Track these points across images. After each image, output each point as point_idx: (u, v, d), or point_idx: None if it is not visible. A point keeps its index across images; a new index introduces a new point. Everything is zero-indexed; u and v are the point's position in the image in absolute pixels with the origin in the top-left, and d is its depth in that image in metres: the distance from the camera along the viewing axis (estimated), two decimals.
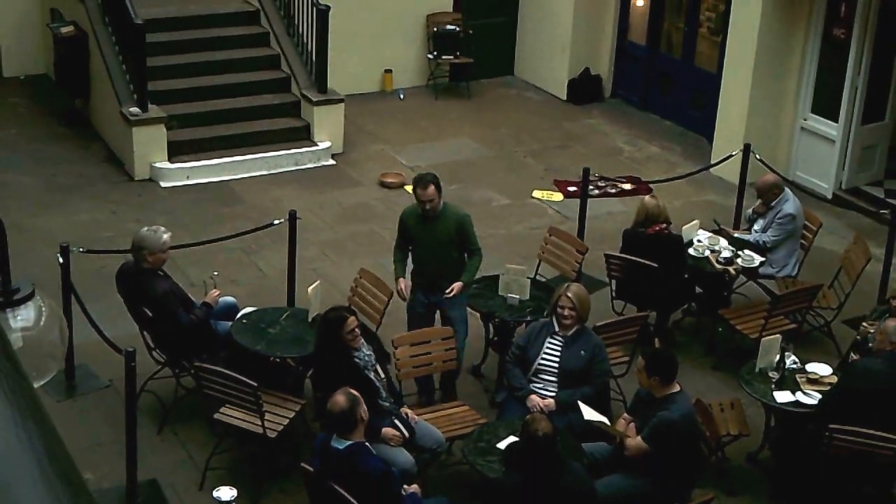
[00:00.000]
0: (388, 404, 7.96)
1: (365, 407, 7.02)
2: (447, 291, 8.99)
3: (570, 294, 8.32)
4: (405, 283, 9.22)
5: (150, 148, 12.96)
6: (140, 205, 12.44)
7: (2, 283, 3.91)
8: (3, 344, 1.47)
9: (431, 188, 8.90)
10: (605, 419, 8.01)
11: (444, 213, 9.04)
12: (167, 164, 13.03)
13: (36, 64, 15.50)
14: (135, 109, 12.88)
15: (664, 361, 7.73)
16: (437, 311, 9.26)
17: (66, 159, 13.37)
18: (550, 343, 8.35)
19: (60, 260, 8.88)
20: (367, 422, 7.04)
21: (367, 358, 7.97)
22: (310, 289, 9.01)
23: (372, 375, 7.93)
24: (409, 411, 8.08)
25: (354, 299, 9.47)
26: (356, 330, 7.91)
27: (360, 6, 15.32)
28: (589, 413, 7.89)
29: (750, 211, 10.86)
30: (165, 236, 8.70)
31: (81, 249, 9.61)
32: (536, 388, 8.32)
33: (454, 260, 9.11)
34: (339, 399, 6.92)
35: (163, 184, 12.92)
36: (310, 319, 8.88)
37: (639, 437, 7.68)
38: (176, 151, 13.15)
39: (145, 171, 12.98)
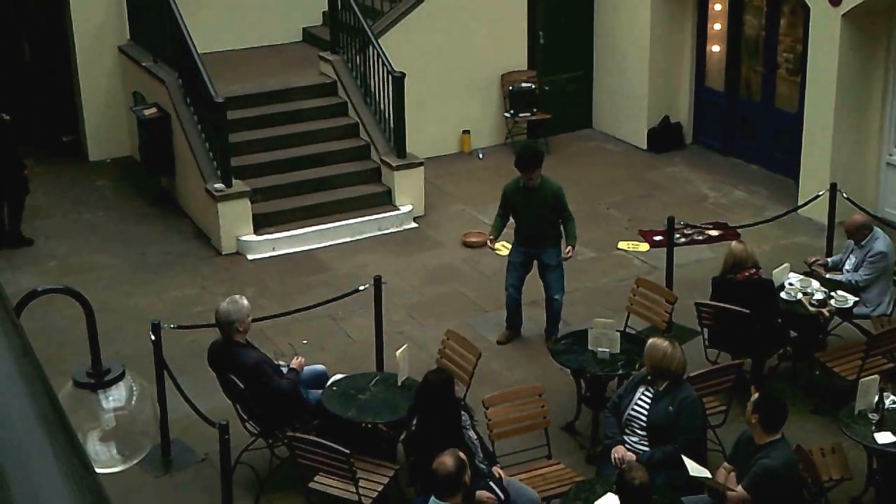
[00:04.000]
0: (483, 466, 7.90)
1: (470, 472, 6.96)
2: (566, 254, 10.64)
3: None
4: (492, 239, 10.85)
5: (235, 222, 13.14)
6: (228, 278, 12.59)
7: (93, 365, 3.97)
8: (69, 438, 1.48)
9: (538, 170, 10.50)
10: (708, 474, 7.88)
11: (542, 185, 10.54)
12: (253, 237, 13.19)
13: (121, 147, 15.85)
14: (219, 185, 13.09)
15: (775, 405, 7.66)
16: (535, 261, 10.80)
17: (154, 238, 13.60)
18: (643, 396, 8.25)
19: (152, 337, 9.00)
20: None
21: (464, 419, 7.95)
22: (398, 353, 9.01)
23: (470, 434, 7.91)
24: (500, 471, 8.02)
25: (443, 361, 9.46)
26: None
27: (434, 70, 15.45)
28: (695, 469, 7.78)
29: (829, 261, 10.78)
30: (244, 301, 8.80)
31: (172, 326, 9.74)
32: (630, 440, 8.23)
33: (551, 222, 10.67)
34: (447, 461, 6.84)
35: (249, 256, 13.08)
36: (399, 383, 8.89)
37: (740, 487, 7.54)
38: (261, 224, 13.31)
39: (232, 245, 13.15)
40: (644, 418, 8.17)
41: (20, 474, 1.40)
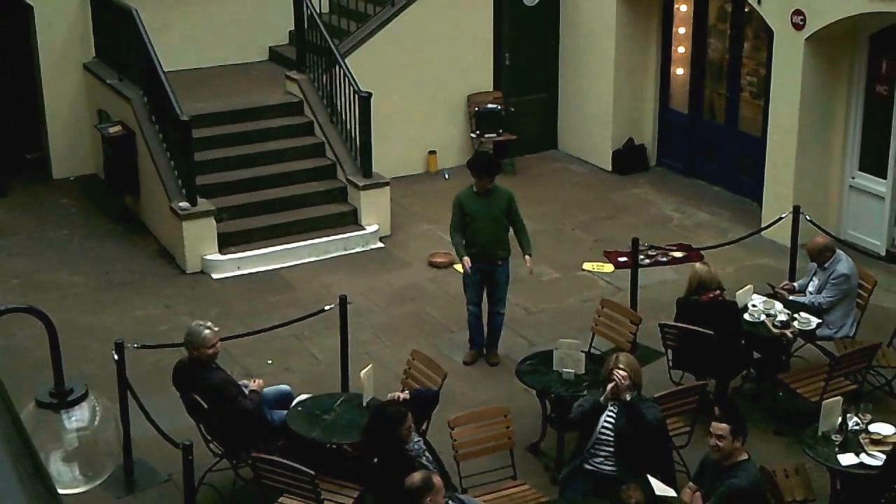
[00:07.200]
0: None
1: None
2: (528, 268, 10.84)
3: (621, 365, 8.25)
4: (468, 261, 10.63)
5: (200, 241, 13.09)
6: (193, 297, 12.53)
7: (56, 385, 3.94)
8: (33, 460, 1.47)
9: (493, 179, 10.70)
10: (674, 493, 7.89)
11: (495, 190, 10.73)
12: (218, 256, 13.14)
13: (85, 164, 15.76)
14: (184, 204, 13.03)
15: (741, 421, 7.67)
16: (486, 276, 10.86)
17: (119, 257, 13.52)
18: (608, 415, 8.25)
19: (116, 357, 8.94)
20: None
21: (416, 447, 7.94)
22: (362, 373, 8.99)
23: (424, 461, 7.88)
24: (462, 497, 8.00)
25: (408, 381, 9.44)
26: (411, 426, 7.91)
27: (400, 90, 15.47)
28: (660, 488, 7.80)
29: (795, 285, 10.83)
30: (206, 332, 8.68)
31: (136, 345, 9.68)
32: (595, 462, 8.24)
33: (505, 230, 10.73)
34: (415, 476, 6.97)
35: (214, 276, 13.02)
36: (364, 404, 8.86)
37: None
38: (226, 243, 13.26)
39: (196, 264, 13.09)
40: (612, 434, 8.19)
41: None
